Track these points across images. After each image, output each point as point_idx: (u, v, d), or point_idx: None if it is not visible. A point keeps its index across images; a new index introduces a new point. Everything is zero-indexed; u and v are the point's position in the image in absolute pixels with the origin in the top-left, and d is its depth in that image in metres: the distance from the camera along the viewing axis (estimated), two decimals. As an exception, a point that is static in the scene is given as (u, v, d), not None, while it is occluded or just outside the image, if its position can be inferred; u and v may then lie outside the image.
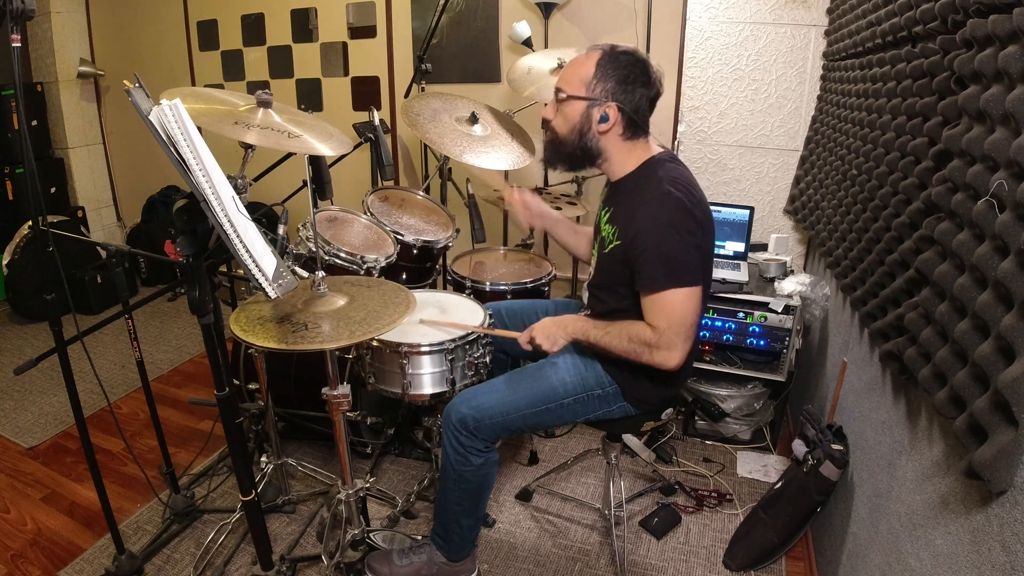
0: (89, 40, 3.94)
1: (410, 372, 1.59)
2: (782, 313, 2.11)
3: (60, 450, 2.32)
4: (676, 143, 2.67)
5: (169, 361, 3.00)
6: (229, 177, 1.10)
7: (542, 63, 2.34)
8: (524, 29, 2.58)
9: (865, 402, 1.58)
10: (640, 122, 1.39)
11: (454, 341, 1.59)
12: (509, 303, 1.85)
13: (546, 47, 2.76)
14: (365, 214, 2.15)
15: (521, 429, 1.54)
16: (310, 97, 3.53)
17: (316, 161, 1.52)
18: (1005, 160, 0.88)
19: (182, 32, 3.74)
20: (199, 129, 1.00)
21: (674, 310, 1.32)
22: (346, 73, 3.44)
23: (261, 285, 1.05)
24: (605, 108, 1.36)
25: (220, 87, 3.63)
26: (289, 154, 1.99)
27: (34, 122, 3.71)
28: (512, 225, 2.84)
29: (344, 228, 2.13)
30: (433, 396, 1.63)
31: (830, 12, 2.31)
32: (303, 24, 3.45)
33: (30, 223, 2.97)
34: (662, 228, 1.31)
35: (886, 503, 1.31)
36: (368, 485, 1.60)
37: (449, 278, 2.22)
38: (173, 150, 0.97)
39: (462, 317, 1.72)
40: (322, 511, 1.90)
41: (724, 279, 2.19)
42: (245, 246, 1.02)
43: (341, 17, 3.33)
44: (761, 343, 2.18)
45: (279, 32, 3.50)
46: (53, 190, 3.83)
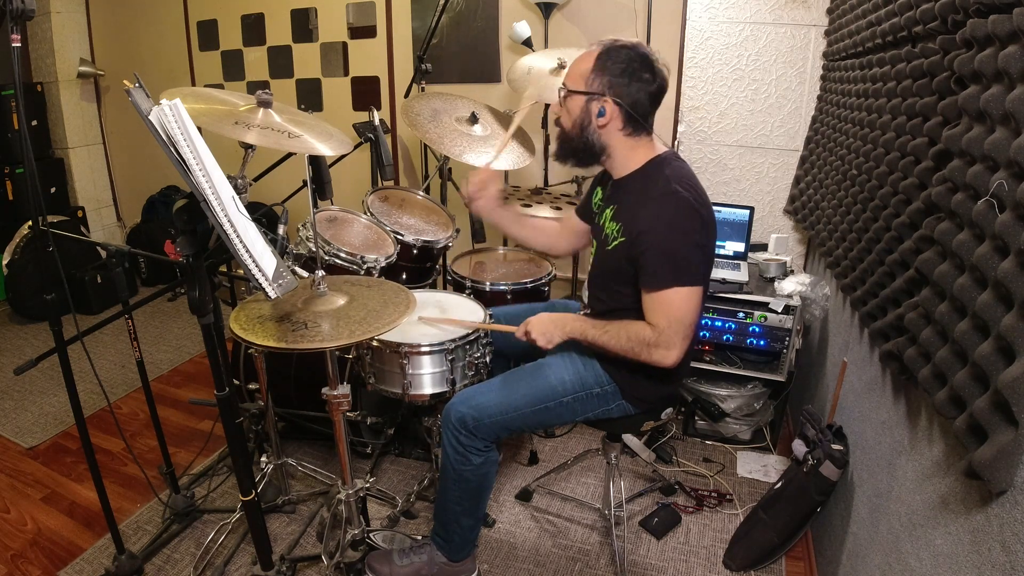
0: (89, 40, 3.94)
1: (410, 372, 1.59)
2: (782, 313, 2.11)
3: (60, 450, 2.32)
4: (676, 143, 2.67)
5: (169, 361, 3.00)
6: (229, 177, 1.10)
7: (542, 63, 2.33)
8: (524, 29, 2.58)
9: (865, 402, 1.58)
10: (639, 117, 1.38)
11: (454, 341, 1.59)
12: (509, 308, 1.83)
13: (546, 47, 2.76)
14: (365, 214, 2.15)
15: (521, 428, 1.54)
16: (310, 97, 3.53)
17: (316, 161, 1.52)
18: (1005, 160, 0.88)
19: (182, 32, 3.74)
20: (199, 129, 1.00)
21: (675, 309, 1.32)
22: (346, 73, 3.44)
23: (261, 285, 1.05)
24: (602, 102, 1.36)
25: (220, 87, 3.62)
26: (289, 154, 1.99)
27: (34, 122, 3.71)
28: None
29: (344, 228, 2.13)
30: (433, 396, 1.64)
31: (830, 12, 2.32)
32: (303, 24, 3.45)
33: (30, 223, 2.97)
34: (668, 227, 1.32)
35: (886, 503, 1.31)
36: (368, 485, 1.60)
37: (449, 278, 2.22)
38: (173, 150, 0.97)
39: (462, 317, 1.72)
40: (322, 511, 1.90)
41: (724, 279, 2.19)
42: (245, 246, 1.02)
43: (341, 17, 3.33)
44: (761, 343, 2.18)
45: (279, 32, 3.50)
46: (53, 190, 3.83)
